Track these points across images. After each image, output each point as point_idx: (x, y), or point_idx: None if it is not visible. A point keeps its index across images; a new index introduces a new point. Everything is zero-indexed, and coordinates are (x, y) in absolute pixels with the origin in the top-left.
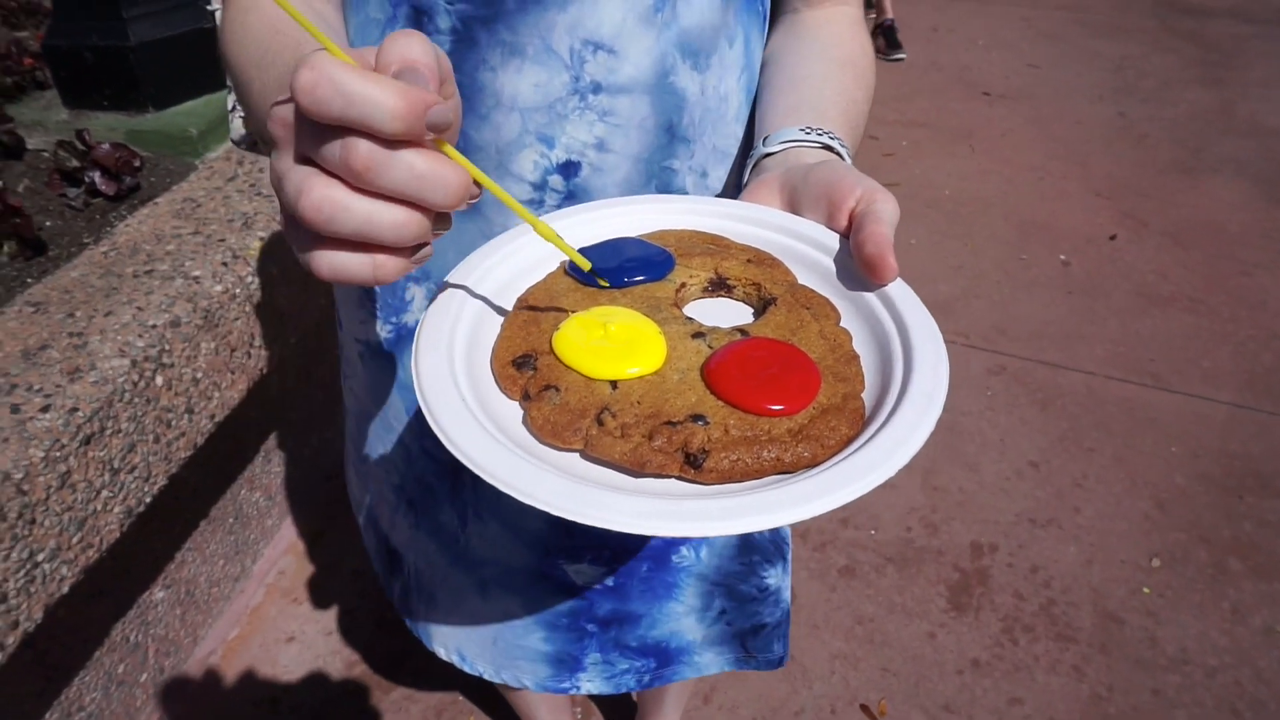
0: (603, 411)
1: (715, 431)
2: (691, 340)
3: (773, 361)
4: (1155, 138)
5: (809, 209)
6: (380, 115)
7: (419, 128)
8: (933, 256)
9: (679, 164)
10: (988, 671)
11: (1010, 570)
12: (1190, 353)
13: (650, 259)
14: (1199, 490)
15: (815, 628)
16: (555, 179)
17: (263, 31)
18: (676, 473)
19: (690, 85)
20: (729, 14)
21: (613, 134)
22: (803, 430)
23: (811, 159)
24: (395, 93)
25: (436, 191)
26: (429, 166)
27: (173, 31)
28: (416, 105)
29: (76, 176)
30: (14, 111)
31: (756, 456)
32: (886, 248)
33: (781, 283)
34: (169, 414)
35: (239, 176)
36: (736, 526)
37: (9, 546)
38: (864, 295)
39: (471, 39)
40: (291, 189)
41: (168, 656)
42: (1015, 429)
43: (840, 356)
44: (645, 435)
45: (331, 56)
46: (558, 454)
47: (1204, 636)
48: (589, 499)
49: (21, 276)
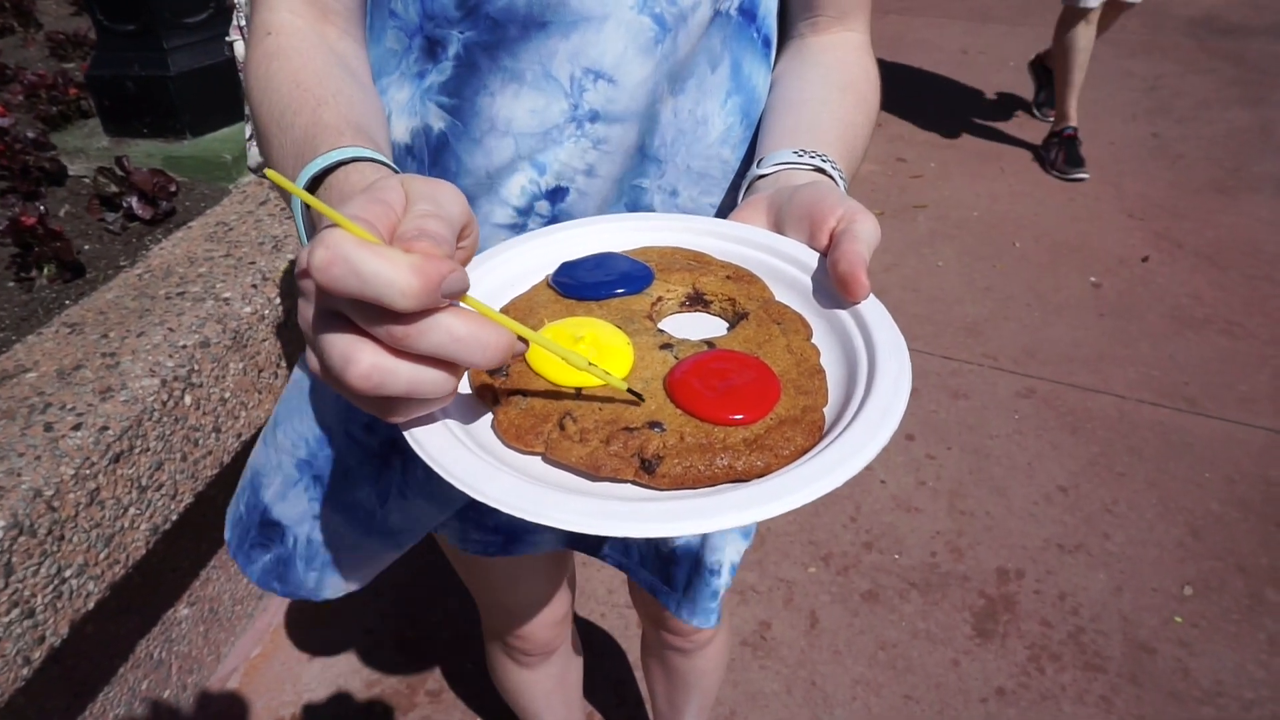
0: (565, 417)
1: (671, 438)
2: (659, 351)
3: (733, 373)
4: (1191, 158)
5: (792, 228)
6: (393, 294)
7: (434, 301)
8: (961, 278)
9: (649, 183)
10: (1013, 701)
11: (1037, 597)
12: (1226, 376)
13: (630, 273)
14: (1235, 517)
15: (837, 653)
16: (542, 204)
17: (284, 84)
18: (631, 477)
19: (664, 108)
20: (713, 39)
21: (602, 160)
22: (758, 440)
23: (801, 180)
24: (408, 271)
25: (475, 353)
26: (468, 330)
27: (210, 61)
28: (430, 281)
29: (115, 201)
30: (57, 139)
31: (710, 463)
32: (859, 265)
33: (756, 298)
34: (196, 433)
35: (270, 200)
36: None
37: (38, 562)
38: (837, 313)
39: (473, 64)
40: (337, 357)
41: (190, 674)
42: (1044, 453)
43: (805, 370)
44: (603, 440)
45: (344, 234)
46: (521, 457)
47: (1240, 668)
48: (538, 498)
49: (60, 298)
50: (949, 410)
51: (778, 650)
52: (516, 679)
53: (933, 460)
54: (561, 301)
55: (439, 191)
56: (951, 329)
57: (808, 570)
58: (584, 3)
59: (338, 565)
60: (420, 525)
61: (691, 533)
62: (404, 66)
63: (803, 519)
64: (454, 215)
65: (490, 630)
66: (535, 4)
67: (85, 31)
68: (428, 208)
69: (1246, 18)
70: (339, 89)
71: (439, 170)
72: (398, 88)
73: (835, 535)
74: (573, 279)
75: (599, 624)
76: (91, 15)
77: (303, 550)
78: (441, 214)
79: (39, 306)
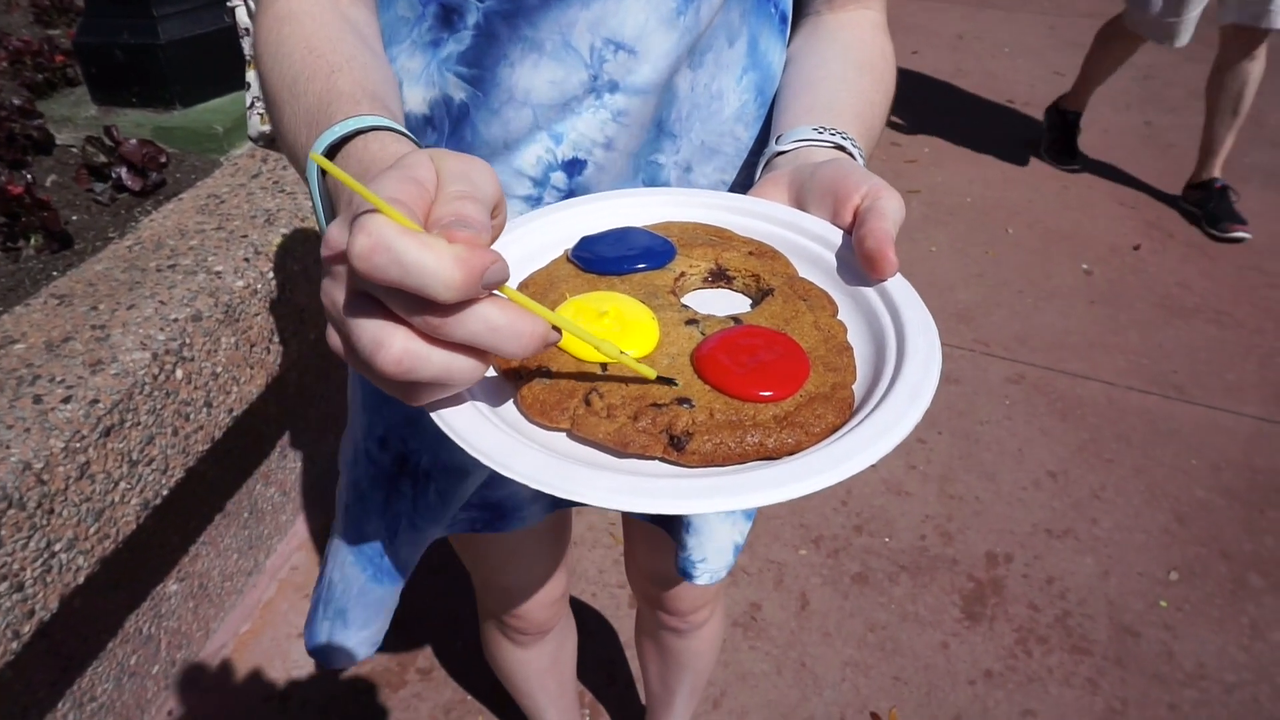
0: (590, 392)
1: (700, 415)
2: (684, 327)
3: (762, 349)
4: (1182, 147)
5: (815, 205)
6: (436, 286)
7: (475, 292)
8: (954, 264)
9: (664, 158)
10: (1000, 683)
11: (1025, 581)
12: (1214, 365)
13: (652, 248)
14: (1220, 503)
15: (827, 635)
16: (558, 176)
17: (297, 49)
18: (659, 454)
19: (682, 82)
20: (733, 13)
21: (620, 133)
22: (788, 417)
23: (821, 157)
24: (452, 262)
25: (509, 343)
26: (504, 320)
27: (201, 30)
28: (473, 273)
29: (104, 172)
30: (44, 107)
31: (740, 440)
32: (887, 243)
33: (780, 274)
34: (188, 407)
35: (262, 174)
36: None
37: (27, 535)
38: (863, 290)
39: (493, 34)
40: (368, 341)
41: (179, 649)
42: (1034, 438)
43: (833, 347)
44: (630, 416)
45: (386, 221)
46: (546, 433)
47: (1222, 651)
48: (565, 473)
49: (48, 269)
50: (940, 395)
51: (768, 631)
52: (511, 658)
53: (923, 444)
54: (582, 276)
55: (472, 170)
56: (943, 314)
57: (798, 552)
58: None
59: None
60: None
61: (726, 509)
62: (416, 35)
63: (793, 501)
64: (488, 195)
65: (485, 609)
66: None
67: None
68: (463, 188)
69: None
70: (353, 55)
71: (456, 141)
72: (408, 56)
73: (826, 518)
74: (593, 254)
75: (590, 604)
76: None
77: (325, 593)
78: (477, 195)
79: (25, 277)
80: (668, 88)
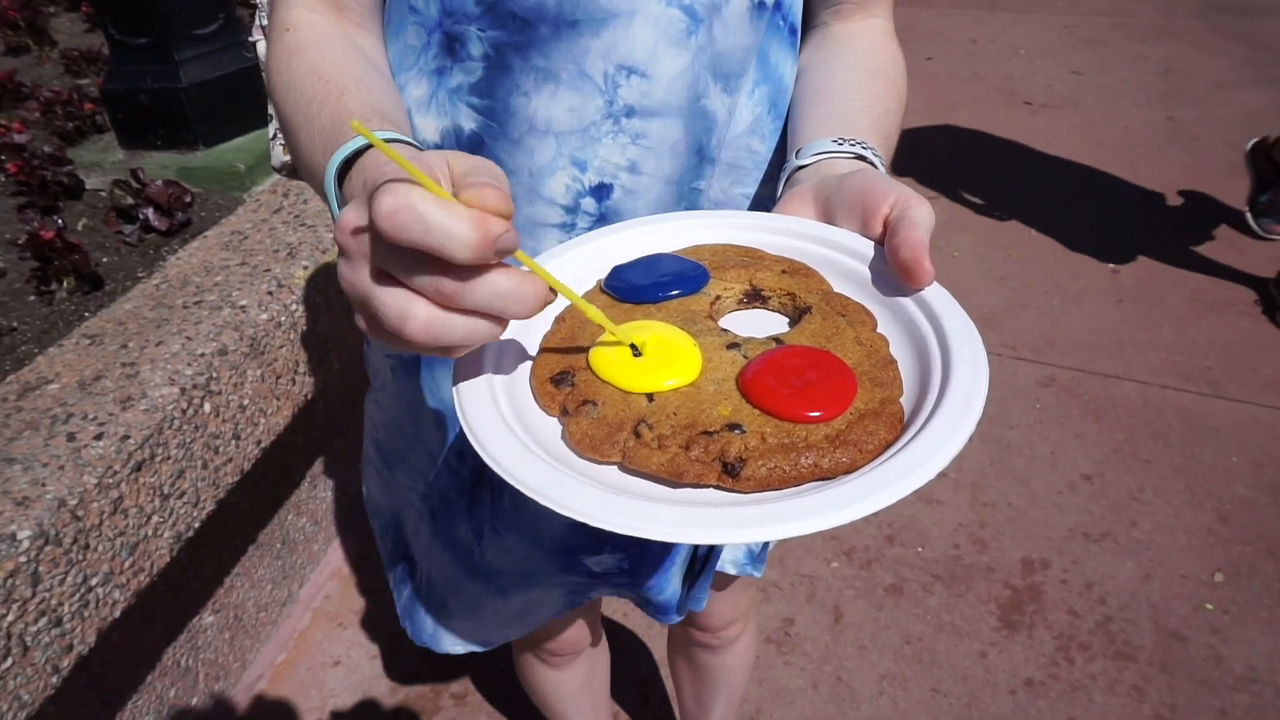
0: (639, 424)
1: (752, 440)
2: (726, 351)
3: (808, 369)
4: (1207, 140)
5: (843, 218)
6: (455, 245)
7: (489, 256)
8: (977, 268)
9: (704, 184)
10: (1042, 692)
11: (1064, 587)
12: (1250, 359)
13: (684, 273)
14: (1264, 501)
15: (863, 648)
16: (588, 201)
17: (306, 77)
18: (714, 481)
19: (720, 108)
20: (759, 36)
21: (645, 156)
22: (840, 436)
23: (844, 169)
24: (470, 224)
25: (517, 305)
26: (511, 285)
27: (221, 72)
28: (489, 235)
29: (132, 214)
30: (74, 154)
31: (794, 463)
32: (922, 252)
33: (816, 291)
34: (217, 440)
35: (284, 209)
36: (774, 532)
37: (64, 571)
38: (901, 300)
39: (505, 65)
40: (395, 311)
41: (217, 681)
42: (1067, 441)
43: (877, 362)
44: (682, 445)
45: (411, 185)
46: (597, 467)
47: (1274, 654)
48: (626, 509)
49: (80, 311)
50: None
51: (802, 646)
52: (544, 679)
53: None
54: (618, 306)
55: (485, 164)
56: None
57: (830, 565)
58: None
59: (449, 612)
60: (518, 566)
61: (791, 535)
62: (422, 62)
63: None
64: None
65: None
66: (565, 2)
67: (99, 47)
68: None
69: None
70: (360, 77)
71: None
72: (415, 84)
73: (857, 530)
74: (626, 283)
75: (623, 624)
76: (104, 31)
77: (425, 589)
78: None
79: (59, 319)
80: (703, 113)
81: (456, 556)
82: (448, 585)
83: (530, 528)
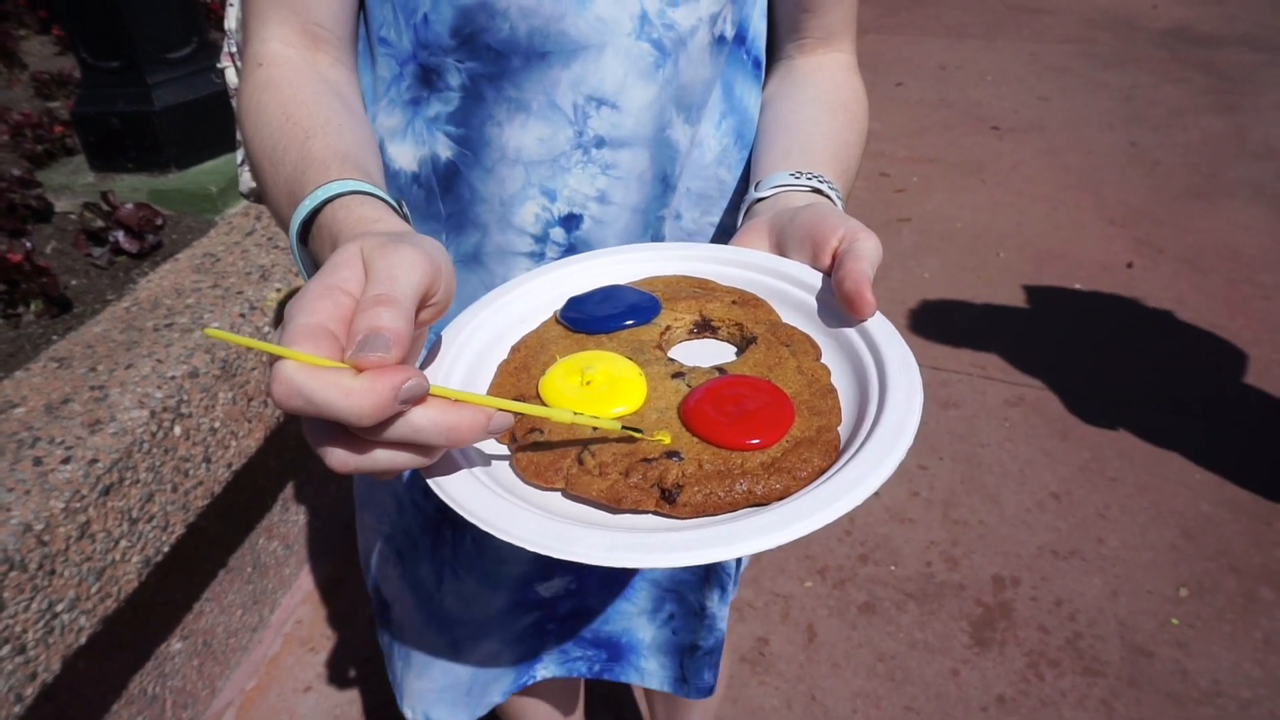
0: (583, 451)
1: (689, 467)
2: (671, 380)
3: (746, 398)
4: (1168, 164)
5: (795, 250)
6: (349, 418)
7: (388, 414)
8: (947, 289)
9: (667, 211)
10: (1014, 708)
11: (1034, 604)
12: (1212, 378)
13: (637, 305)
14: (1226, 517)
15: (836, 666)
16: (557, 231)
17: (275, 117)
18: (652, 508)
19: (682, 138)
20: (718, 69)
21: (614, 186)
22: (775, 463)
23: (800, 202)
24: (359, 396)
25: (440, 438)
26: (429, 420)
27: (194, 95)
28: (383, 399)
29: (101, 236)
30: (43, 177)
31: (729, 490)
32: (864, 283)
33: (763, 322)
34: (187, 463)
35: (256, 231)
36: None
37: (29, 597)
38: (845, 331)
39: (480, 95)
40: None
41: (185, 709)
42: (1036, 460)
43: (817, 390)
44: (622, 472)
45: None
46: (542, 494)
47: (1236, 668)
48: (563, 535)
49: (48, 334)
50: (939, 420)
51: (776, 665)
52: (517, 706)
53: (925, 471)
54: (571, 336)
55: (396, 262)
56: (939, 340)
57: (804, 584)
58: (582, 32)
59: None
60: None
61: (719, 559)
62: (394, 93)
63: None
64: (411, 287)
65: None
66: (535, 34)
67: (70, 70)
68: (381, 290)
69: (1217, 28)
70: (328, 119)
71: (452, 198)
72: (387, 114)
73: (830, 549)
74: (581, 313)
75: None
76: (75, 54)
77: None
78: (395, 294)
79: (26, 342)
80: (667, 143)
81: (419, 600)
82: (411, 631)
83: (490, 570)
